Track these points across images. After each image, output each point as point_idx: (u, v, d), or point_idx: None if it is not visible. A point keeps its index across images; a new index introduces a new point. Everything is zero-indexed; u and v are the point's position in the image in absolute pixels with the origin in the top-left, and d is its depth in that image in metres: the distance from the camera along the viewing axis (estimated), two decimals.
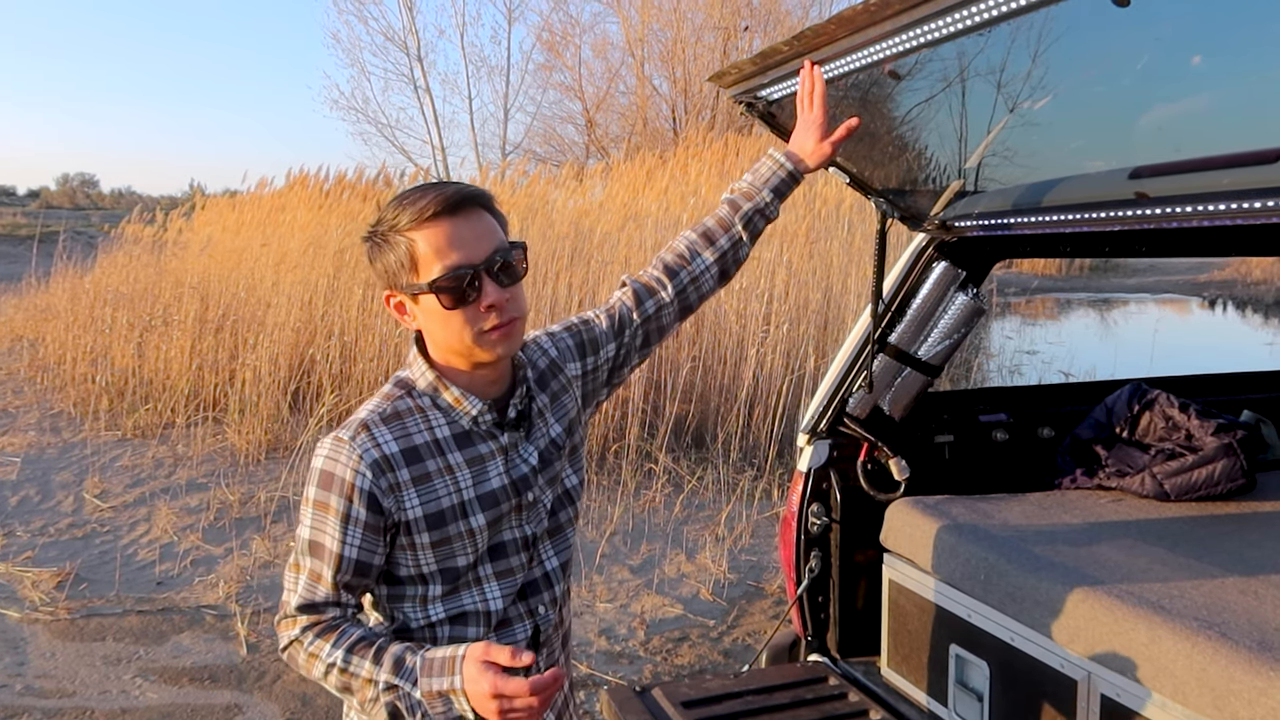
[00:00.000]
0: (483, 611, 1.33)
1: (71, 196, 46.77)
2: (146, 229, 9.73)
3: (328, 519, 1.25)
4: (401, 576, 1.31)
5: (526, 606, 1.38)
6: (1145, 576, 1.92)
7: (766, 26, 16.67)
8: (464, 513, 1.29)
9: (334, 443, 1.26)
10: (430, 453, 1.28)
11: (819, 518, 2.48)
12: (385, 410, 1.29)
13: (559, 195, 8.19)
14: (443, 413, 1.31)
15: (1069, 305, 18.83)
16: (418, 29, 19.04)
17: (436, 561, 1.29)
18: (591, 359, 1.52)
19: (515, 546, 1.36)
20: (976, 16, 1.45)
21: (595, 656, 3.64)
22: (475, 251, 1.24)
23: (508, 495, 1.33)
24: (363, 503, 1.24)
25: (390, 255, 1.26)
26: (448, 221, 1.24)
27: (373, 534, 1.25)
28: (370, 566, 1.27)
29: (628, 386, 5.98)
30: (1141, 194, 1.76)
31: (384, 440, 1.26)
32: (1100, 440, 2.64)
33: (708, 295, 1.65)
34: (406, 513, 1.26)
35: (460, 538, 1.29)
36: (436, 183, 1.29)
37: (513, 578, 1.36)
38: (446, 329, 1.26)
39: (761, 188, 1.68)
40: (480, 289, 1.24)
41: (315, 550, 1.26)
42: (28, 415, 7.11)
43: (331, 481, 1.24)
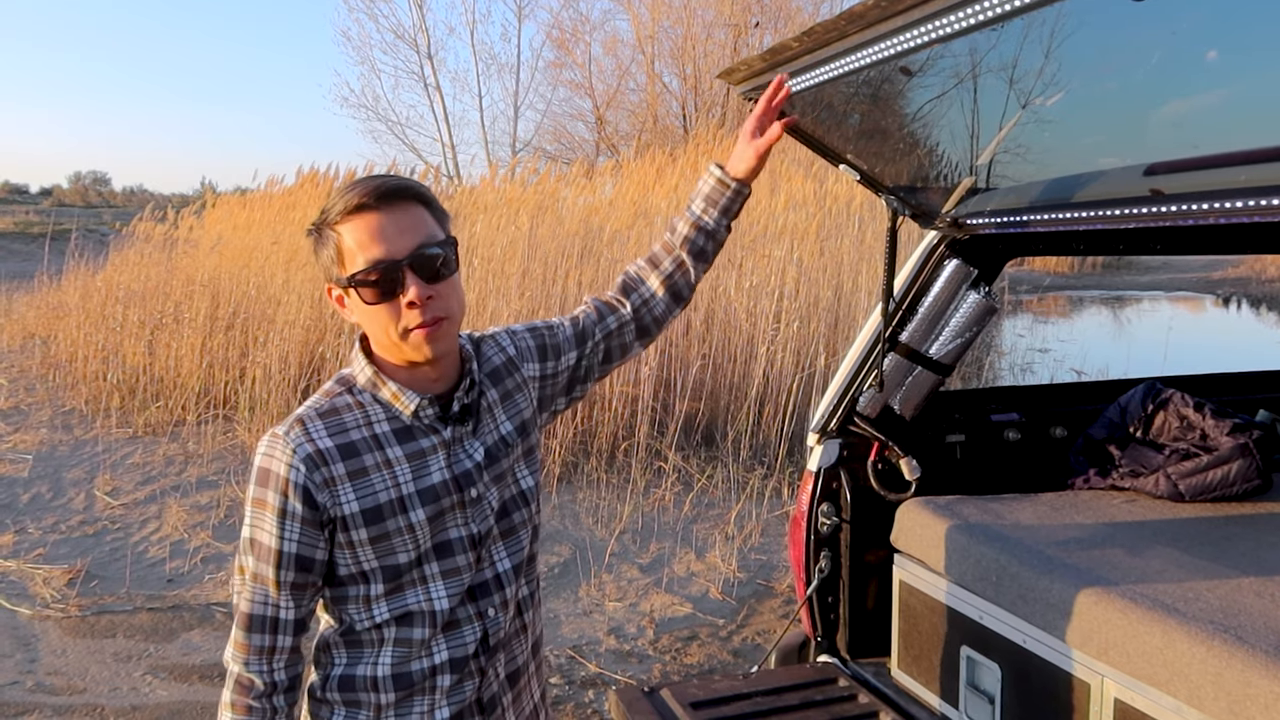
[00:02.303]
0: (428, 611, 1.30)
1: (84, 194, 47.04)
2: (158, 227, 9.77)
3: (265, 515, 1.23)
4: (342, 575, 1.28)
5: (476, 608, 1.35)
6: (1160, 578, 1.90)
7: (777, 23, 16.63)
8: (403, 507, 1.26)
9: (270, 439, 1.25)
10: (368, 448, 1.26)
11: (829, 517, 2.46)
12: (323, 406, 1.28)
13: (569, 193, 8.18)
14: (383, 407, 1.29)
15: (1081, 303, 18.73)
16: (428, 27, 19.12)
17: (376, 558, 1.26)
18: (552, 363, 1.50)
19: (461, 545, 1.32)
20: (989, 11, 1.44)
21: (604, 655, 3.63)
22: (398, 245, 1.21)
23: (449, 490, 1.30)
24: (298, 497, 1.22)
25: (321, 249, 1.26)
26: (373, 214, 1.21)
27: (311, 528, 1.23)
28: (313, 561, 1.25)
29: (637, 384, 5.97)
30: (1156, 191, 1.74)
31: (318, 435, 1.24)
32: (1114, 440, 2.62)
33: (663, 318, 1.64)
34: (342, 508, 1.23)
35: (400, 533, 1.26)
36: (375, 175, 1.26)
37: (459, 577, 1.32)
38: (374, 324, 1.24)
39: (695, 199, 1.67)
40: (402, 284, 1.21)
41: (255, 549, 1.24)
42: (40, 412, 7.14)
43: (268, 478, 1.23)
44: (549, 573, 4.41)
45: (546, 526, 4.97)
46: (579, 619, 3.96)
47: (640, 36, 17.51)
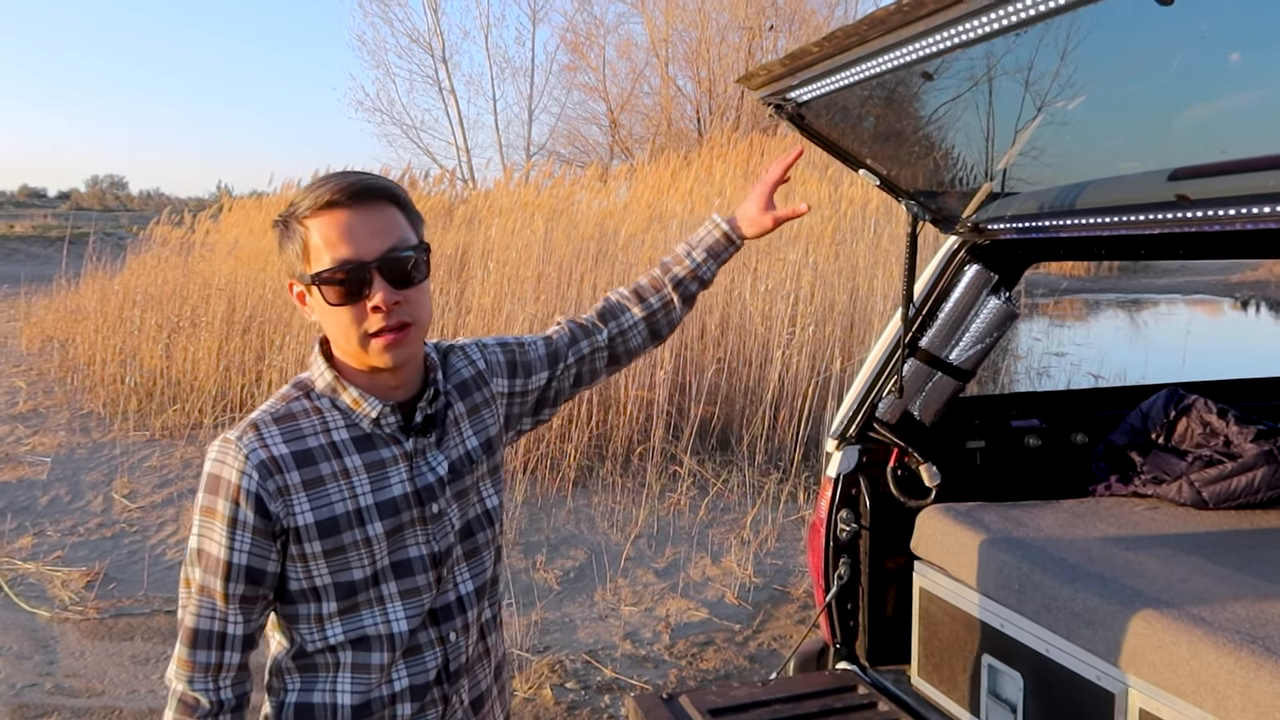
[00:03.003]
0: (385, 635, 1.24)
1: (101, 198, 47.45)
2: (174, 231, 9.84)
3: (214, 525, 1.17)
4: (293, 591, 1.21)
5: (438, 632, 1.29)
6: (1184, 587, 1.88)
7: (791, 26, 16.61)
8: (360, 520, 1.20)
9: (221, 444, 1.18)
10: (324, 455, 1.20)
11: (848, 524, 2.44)
12: (278, 410, 1.22)
13: (584, 196, 8.19)
14: (342, 414, 1.23)
15: (1098, 306, 18.61)
16: (442, 31, 19.20)
17: (330, 573, 1.20)
18: (521, 381, 1.45)
19: (422, 564, 1.26)
20: (1014, 16, 1.42)
21: (620, 660, 3.62)
22: (368, 247, 1.16)
23: (409, 504, 1.24)
24: (249, 506, 1.15)
25: (287, 243, 1.20)
26: (344, 212, 1.16)
27: (262, 539, 1.17)
28: (264, 574, 1.18)
29: (652, 388, 5.96)
30: (1183, 196, 1.72)
31: (273, 441, 1.18)
32: (1136, 446, 2.59)
33: (636, 351, 1.60)
34: (295, 518, 1.17)
35: (356, 547, 1.20)
36: (350, 171, 1.21)
37: (419, 598, 1.26)
38: (335, 326, 1.19)
39: (696, 247, 1.64)
40: (369, 286, 1.16)
41: (203, 559, 1.18)
42: (58, 415, 7.20)
43: (218, 485, 1.17)
44: (564, 577, 4.41)
45: (561, 530, 4.97)
46: (594, 623, 3.95)
47: (654, 40, 17.53)
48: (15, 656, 3.62)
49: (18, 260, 20.88)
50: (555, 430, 5.79)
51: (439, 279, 7.15)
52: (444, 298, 6.83)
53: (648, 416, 5.96)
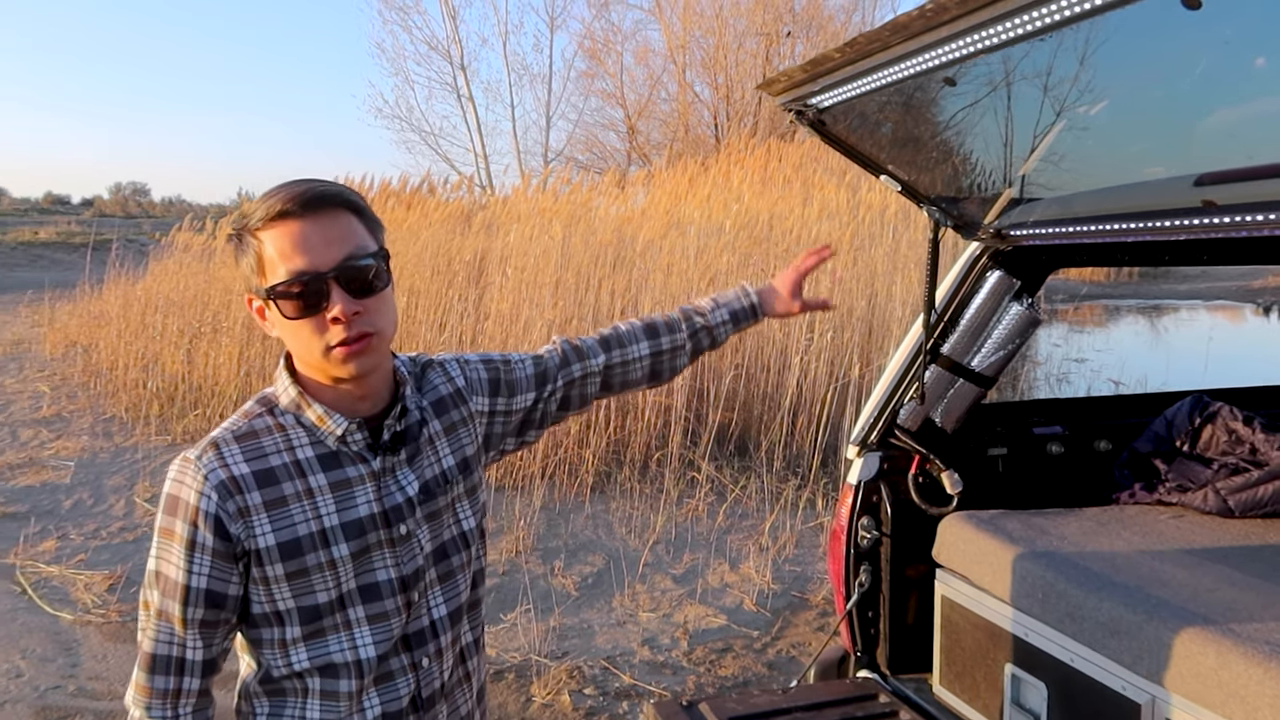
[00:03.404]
0: (352, 661, 1.19)
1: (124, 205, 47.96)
2: (196, 237, 9.91)
3: (172, 546, 1.12)
4: (255, 614, 1.17)
5: (410, 658, 1.24)
6: (1212, 597, 1.86)
7: (809, 32, 16.60)
8: (324, 541, 1.16)
9: (181, 463, 1.14)
10: (287, 475, 1.16)
11: (869, 531, 2.43)
12: (240, 428, 1.17)
13: (601, 202, 8.21)
14: (306, 431, 1.18)
15: (1118, 312, 18.45)
16: (461, 38, 19.31)
17: (293, 597, 1.15)
18: (504, 400, 1.41)
19: (390, 588, 1.21)
20: (1037, 22, 1.42)
21: (638, 666, 3.62)
22: (324, 257, 1.11)
23: (375, 525, 1.20)
24: (209, 528, 1.11)
25: (241, 257, 1.16)
26: (296, 222, 1.11)
27: (223, 561, 1.13)
28: (225, 597, 1.14)
29: (670, 394, 5.96)
30: (1209, 202, 1.71)
31: (233, 460, 1.14)
32: (1160, 454, 2.57)
33: (632, 385, 1.57)
34: (257, 540, 1.13)
35: (320, 569, 1.16)
36: (302, 179, 1.16)
37: (387, 623, 1.21)
38: (295, 340, 1.15)
39: (721, 308, 1.63)
40: (326, 298, 1.11)
41: (161, 582, 1.14)
42: (81, 420, 7.27)
43: (176, 505, 1.13)
44: (582, 582, 4.41)
45: (579, 536, 4.97)
46: (613, 629, 3.95)
47: (672, 46, 17.56)
48: (39, 659, 3.65)
49: (42, 266, 21.13)
50: (573, 436, 5.80)
51: (457, 285, 7.18)
52: (462, 304, 6.86)
53: (666, 423, 5.95)
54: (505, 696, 3.39)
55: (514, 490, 5.54)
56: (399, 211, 8.63)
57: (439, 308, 6.86)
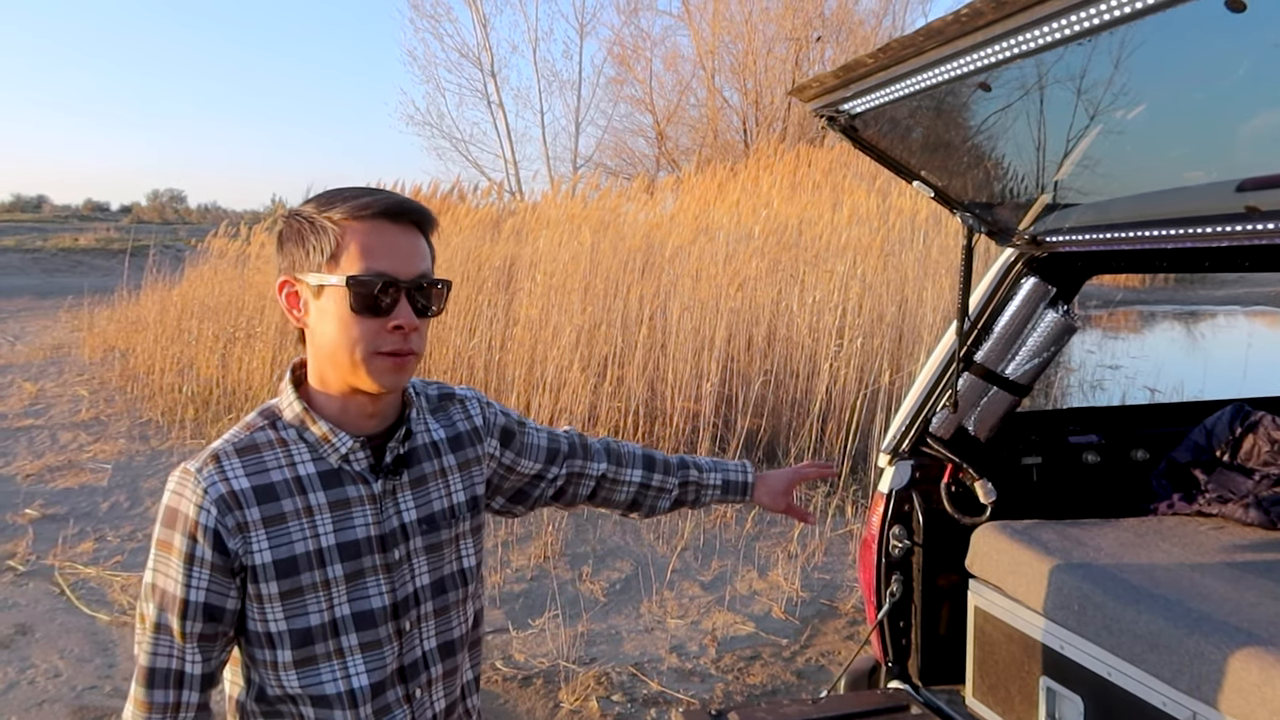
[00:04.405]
0: (345, 691, 1.17)
1: (161, 212, 48.70)
2: (231, 243, 10.05)
3: (171, 560, 1.11)
4: (250, 632, 1.16)
5: (405, 690, 1.23)
6: (1255, 611, 1.82)
7: (839, 37, 16.54)
8: (320, 561, 1.15)
9: (181, 475, 1.13)
10: (288, 491, 1.14)
11: (901, 540, 2.41)
12: (241, 441, 1.16)
13: (630, 208, 8.22)
14: (309, 447, 1.17)
15: (1153, 318, 18.17)
16: (491, 45, 19.43)
17: (285, 617, 1.14)
18: (511, 455, 1.41)
19: (384, 614, 1.20)
20: (1075, 26, 1.40)
21: (666, 674, 3.61)
22: (405, 266, 1.14)
23: (371, 549, 1.19)
24: (207, 542, 1.10)
25: (309, 238, 1.14)
26: (387, 225, 1.14)
27: (221, 575, 1.12)
28: (223, 611, 1.13)
29: (698, 400, 5.95)
30: (1252, 208, 1.67)
31: (234, 474, 1.13)
32: (1199, 464, 2.52)
33: (610, 505, 1.57)
34: (254, 557, 1.12)
35: (314, 589, 1.14)
36: (386, 190, 1.19)
37: (380, 652, 1.20)
38: (341, 335, 1.13)
39: (718, 472, 1.63)
40: (395, 305, 1.13)
41: (159, 596, 1.12)
42: (118, 423, 7.38)
43: (175, 518, 1.12)
44: (610, 589, 4.40)
45: (607, 541, 4.97)
46: (640, 636, 3.94)
47: (701, 52, 17.57)
48: (76, 659, 3.71)
49: (81, 272, 21.53)
50: None
51: (488, 290, 7.21)
52: (491, 309, 6.90)
53: (694, 429, 5.94)
54: (533, 702, 3.40)
55: None
56: None
57: (469, 313, 6.90)
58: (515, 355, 6.30)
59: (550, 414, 5.88)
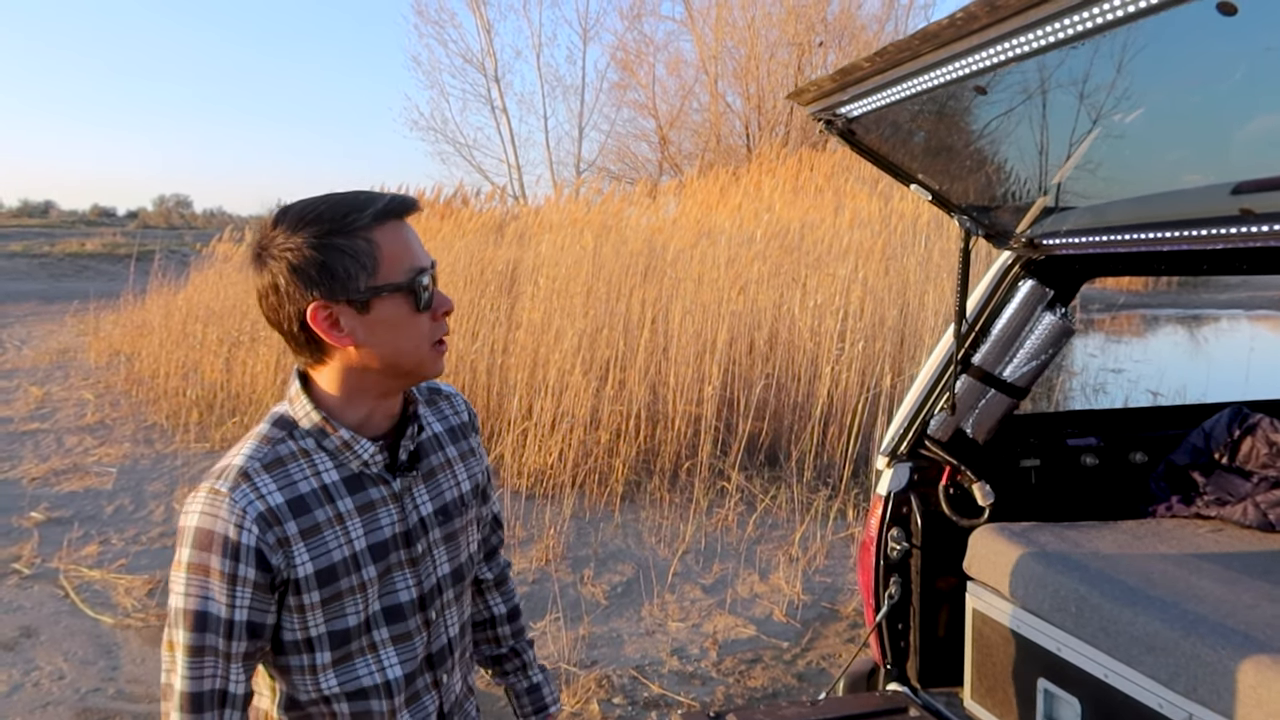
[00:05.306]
0: (381, 683, 1.20)
1: (167, 216, 48.86)
2: (235, 248, 10.10)
3: (210, 582, 1.09)
4: (285, 642, 1.16)
5: (433, 676, 1.27)
6: (1251, 613, 1.82)
7: (841, 42, 16.56)
8: (356, 565, 1.17)
9: (210, 496, 1.10)
10: (318, 501, 1.15)
11: (899, 543, 2.41)
12: (266, 456, 1.14)
13: (633, 212, 8.24)
14: (329, 455, 1.17)
15: (1156, 322, 18.15)
16: (495, 50, 19.50)
17: (325, 622, 1.16)
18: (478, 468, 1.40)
19: (412, 607, 1.23)
20: (1068, 30, 1.41)
21: (667, 676, 3.61)
22: (425, 257, 1.16)
23: (397, 545, 1.21)
24: (250, 561, 1.09)
25: (343, 258, 1.10)
26: (400, 223, 1.15)
27: (262, 593, 1.11)
28: (264, 627, 1.13)
29: (700, 403, 5.95)
30: (1247, 210, 1.68)
31: (267, 491, 1.12)
32: (1198, 466, 2.53)
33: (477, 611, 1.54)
34: (297, 570, 1.12)
35: (352, 593, 1.17)
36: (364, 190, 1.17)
37: (410, 643, 1.23)
38: (405, 338, 1.14)
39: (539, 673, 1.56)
40: (434, 295, 1.17)
41: (199, 622, 1.09)
42: (123, 427, 7.41)
43: (211, 540, 1.09)
44: (611, 591, 4.41)
45: (609, 544, 4.98)
46: (641, 639, 3.94)
47: (704, 56, 17.60)
48: (80, 661, 3.72)
49: (88, 277, 21.60)
50: (603, 445, 5.81)
51: (490, 294, 7.23)
52: (494, 313, 6.91)
53: (696, 432, 5.95)
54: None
55: (544, 499, 5.56)
56: (433, 222, 8.73)
57: (471, 317, 6.92)
58: (518, 359, 6.31)
59: (552, 417, 5.89)
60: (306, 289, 1.11)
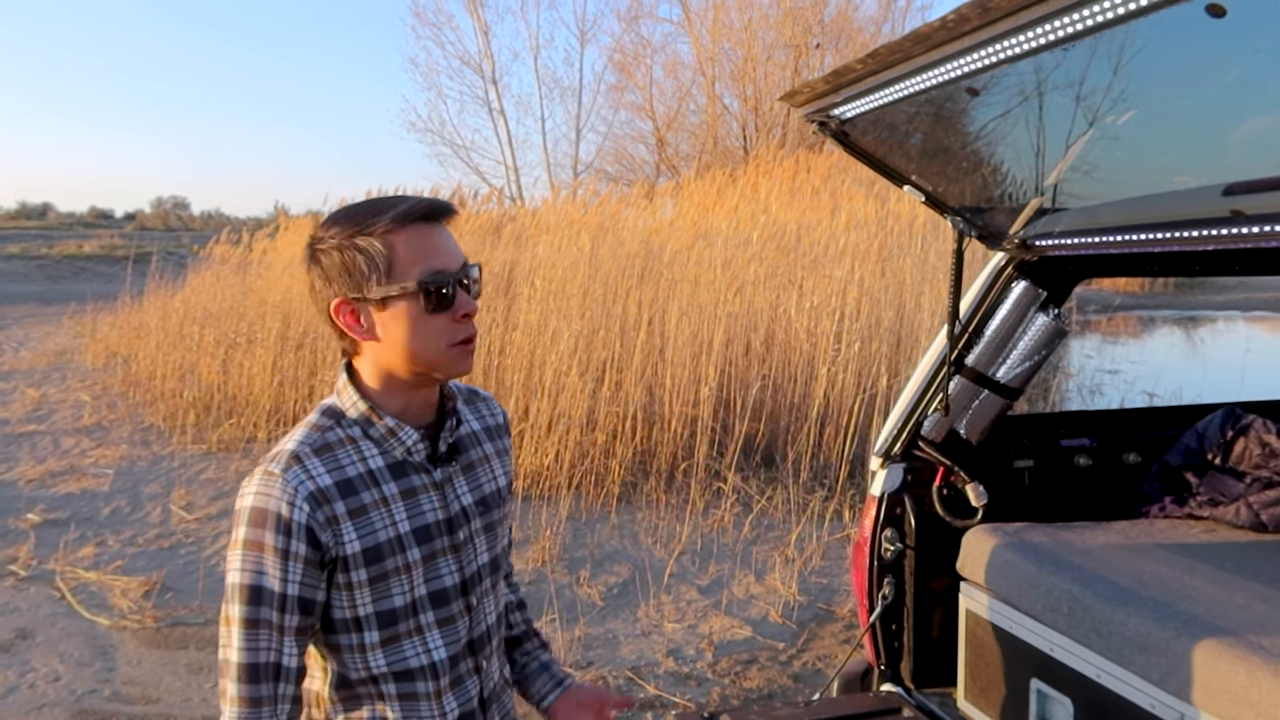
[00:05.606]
0: (427, 665, 1.27)
1: (164, 218, 48.83)
2: (233, 250, 10.10)
3: (265, 557, 1.16)
4: (335, 621, 1.23)
5: (474, 662, 1.34)
6: (1243, 613, 1.83)
7: (838, 43, 16.58)
8: (401, 546, 1.23)
9: (264, 477, 1.18)
10: (365, 485, 1.22)
11: (893, 543, 2.42)
12: (315, 441, 1.22)
13: (630, 214, 8.24)
14: (375, 443, 1.25)
15: (1152, 323, 18.18)
16: (493, 52, 19.52)
17: (372, 601, 1.22)
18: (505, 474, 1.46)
19: (456, 592, 1.30)
20: (1058, 32, 1.42)
21: (662, 677, 3.62)
22: (452, 260, 1.22)
23: (440, 531, 1.28)
24: (301, 538, 1.16)
25: (359, 257, 1.19)
26: (430, 226, 1.21)
27: (313, 569, 1.17)
28: (314, 604, 1.19)
29: (696, 404, 5.96)
30: (1237, 211, 1.69)
31: (317, 473, 1.19)
32: (1191, 467, 2.53)
33: None
34: (345, 547, 1.19)
35: (397, 573, 1.23)
36: (404, 195, 1.26)
37: (454, 627, 1.30)
38: (421, 336, 1.20)
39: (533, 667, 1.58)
40: (456, 297, 1.22)
41: (254, 595, 1.16)
42: (121, 428, 7.41)
43: (265, 518, 1.16)
44: (608, 592, 4.41)
45: (605, 546, 4.98)
46: (637, 639, 3.95)
47: (701, 59, 17.61)
48: (76, 663, 3.72)
49: (85, 279, 21.59)
50: (600, 446, 5.81)
51: (485, 296, 7.24)
52: (491, 314, 6.92)
53: (692, 433, 5.95)
54: (529, 705, 3.40)
55: (540, 500, 5.57)
56: None
57: None
58: (514, 360, 6.31)
59: (549, 418, 5.90)
60: (331, 285, 1.21)
